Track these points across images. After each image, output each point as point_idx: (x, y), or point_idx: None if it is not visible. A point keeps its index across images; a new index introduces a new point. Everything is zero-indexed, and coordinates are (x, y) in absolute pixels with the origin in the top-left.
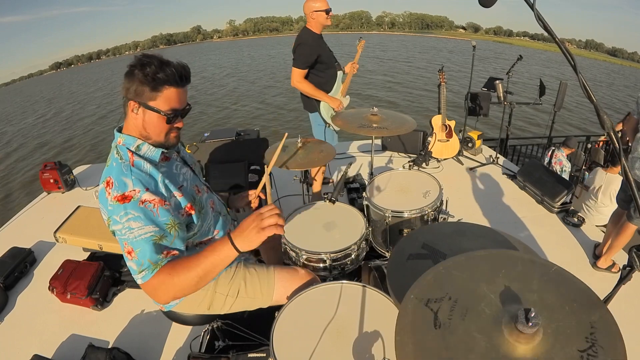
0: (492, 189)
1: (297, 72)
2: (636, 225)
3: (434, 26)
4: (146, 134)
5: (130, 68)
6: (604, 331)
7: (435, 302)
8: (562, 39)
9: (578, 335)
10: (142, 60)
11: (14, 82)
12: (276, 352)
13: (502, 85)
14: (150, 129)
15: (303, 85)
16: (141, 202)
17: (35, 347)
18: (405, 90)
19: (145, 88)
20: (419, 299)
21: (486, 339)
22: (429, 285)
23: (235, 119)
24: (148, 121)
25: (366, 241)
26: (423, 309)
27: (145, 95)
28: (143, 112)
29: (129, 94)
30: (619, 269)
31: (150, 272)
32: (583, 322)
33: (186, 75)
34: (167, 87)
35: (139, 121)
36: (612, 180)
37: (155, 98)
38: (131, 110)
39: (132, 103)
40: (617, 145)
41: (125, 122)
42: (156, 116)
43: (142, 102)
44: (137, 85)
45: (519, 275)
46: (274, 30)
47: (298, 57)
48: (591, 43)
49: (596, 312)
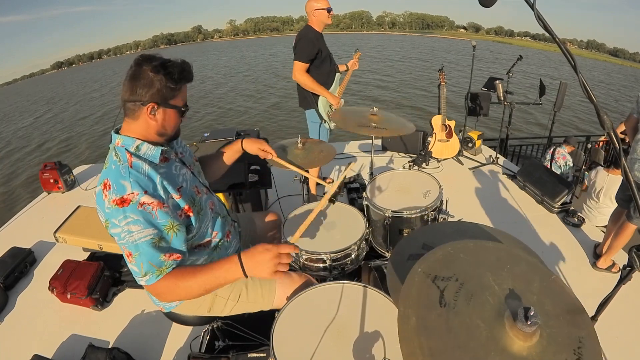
0: (492, 189)
1: (299, 65)
2: (636, 225)
3: (434, 26)
4: (163, 131)
5: (144, 71)
6: (589, 349)
7: (442, 281)
8: (564, 39)
9: (568, 346)
10: (163, 63)
11: (16, 81)
12: (276, 352)
13: (502, 85)
14: (169, 126)
15: (304, 78)
16: (140, 204)
17: (35, 347)
18: (405, 90)
19: (169, 89)
20: (427, 273)
21: (488, 328)
22: (438, 262)
23: (235, 119)
24: (168, 119)
25: (366, 241)
26: (430, 284)
27: (169, 96)
28: (163, 112)
29: (147, 97)
30: (619, 269)
31: (155, 277)
32: (573, 334)
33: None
34: (184, 84)
35: (157, 122)
36: (614, 182)
37: (175, 96)
38: (148, 113)
39: (151, 105)
40: (617, 145)
41: (127, 124)
42: (175, 112)
43: (164, 103)
44: (161, 87)
45: (522, 275)
46: (274, 30)
47: (300, 51)
48: (592, 43)
49: (584, 329)
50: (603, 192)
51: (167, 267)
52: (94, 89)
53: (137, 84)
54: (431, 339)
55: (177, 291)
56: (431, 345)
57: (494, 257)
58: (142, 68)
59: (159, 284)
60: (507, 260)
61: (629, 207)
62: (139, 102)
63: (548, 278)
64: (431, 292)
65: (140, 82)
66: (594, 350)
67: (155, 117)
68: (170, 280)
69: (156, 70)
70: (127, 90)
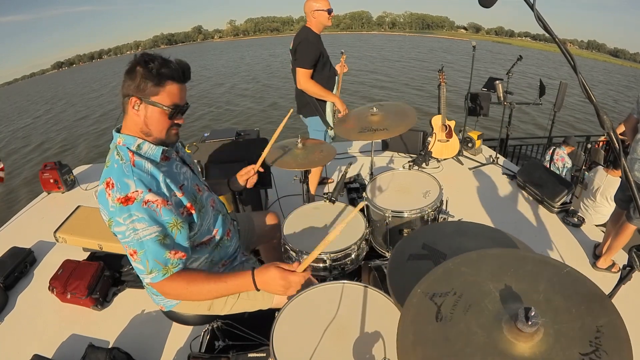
0: (492, 189)
1: (304, 72)
2: (635, 226)
3: (434, 26)
4: (147, 130)
5: (131, 65)
6: (610, 336)
7: (440, 297)
8: (564, 39)
9: (582, 339)
10: (144, 57)
11: (16, 81)
12: (276, 352)
13: (502, 85)
14: (152, 125)
15: (310, 85)
16: (144, 202)
17: (35, 347)
18: (404, 90)
19: (149, 83)
20: (425, 292)
21: (485, 334)
22: (437, 279)
23: (235, 119)
24: (150, 117)
25: (366, 241)
26: (428, 302)
27: (148, 91)
28: (145, 108)
29: (130, 91)
30: (618, 268)
31: (161, 275)
32: (588, 325)
33: (187, 72)
34: (170, 82)
35: (140, 118)
36: (611, 183)
37: (158, 93)
38: (132, 107)
39: (134, 99)
40: (617, 145)
41: (125, 122)
42: (158, 111)
43: (144, 98)
44: (140, 81)
45: (527, 275)
46: (274, 30)
47: (301, 57)
48: (593, 44)
49: (605, 317)
50: (600, 191)
51: (173, 267)
52: (93, 89)
53: (125, 78)
54: (427, 350)
55: (185, 293)
56: (427, 355)
57: (496, 264)
58: (140, 63)
59: (166, 283)
60: (511, 264)
61: (629, 208)
62: (126, 95)
63: (561, 272)
64: (428, 309)
65: (127, 75)
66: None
67: (139, 113)
68: (179, 282)
69: (141, 64)
70: (122, 85)
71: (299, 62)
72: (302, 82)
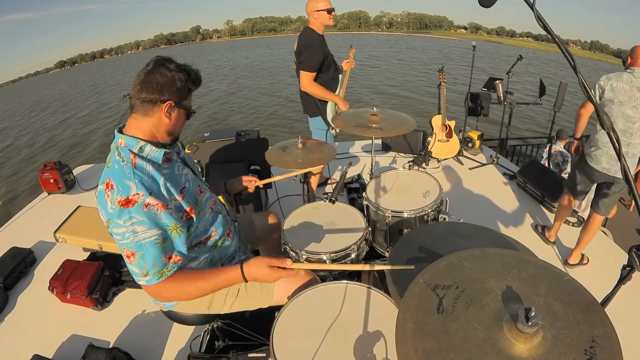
0: (492, 189)
1: (307, 75)
2: (602, 216)
3: (432, 26)
4: (163, 133)
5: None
6: (605, 348)
7: (442, 289)
8: (567, 40)
9: (577, 346)
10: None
11: (21, 79)
12: (276, 352)
13: (502, 85)
14: (177, 127)
15: (313, 88)
16: (145, 205)
17: (35, 347)
18: (403, 89)
19: (187, 90)
20: (427, 283)
21: (485, 331)
22: (440, 272)
23: (235, 119)
24: (177, 119)
25: (366, 241)
26: (430, 293)
27: (184, 96)
28: (177, 111)
29: (164, 96)
30: (587, 259)
31: (155, 278)
32: (585, 334)
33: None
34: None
35: (171, 121)
36: None
37: (188, 98)
38: (164, 111)
39: (170, 104)
40: (616, 145)
41: (133, 122)
42: (183, 114)
43: (179, 103)
44: (180, 87)
45: (529, 278)
46: (272, 30)
47: (306, 60)
48: (596, 44)
49: (601, 328)
50: None
51: (169, 270)
52: (93, 89)
53: (156, 82)
54: (426, 341)
55: (177, 295)
56: (426, 346)
57: (499, 263)
58: (164, 67)
59: (160, 286)
60: (514, 265)
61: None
62: (158, 99)
63: (560, 279)
64: (430, 300)
65: (160, 80)
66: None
67: (170, 116)
68: (171, 284)
69: (178, 69)
70: (143, 87)
71: (303, 66)
72: (306, 84)
